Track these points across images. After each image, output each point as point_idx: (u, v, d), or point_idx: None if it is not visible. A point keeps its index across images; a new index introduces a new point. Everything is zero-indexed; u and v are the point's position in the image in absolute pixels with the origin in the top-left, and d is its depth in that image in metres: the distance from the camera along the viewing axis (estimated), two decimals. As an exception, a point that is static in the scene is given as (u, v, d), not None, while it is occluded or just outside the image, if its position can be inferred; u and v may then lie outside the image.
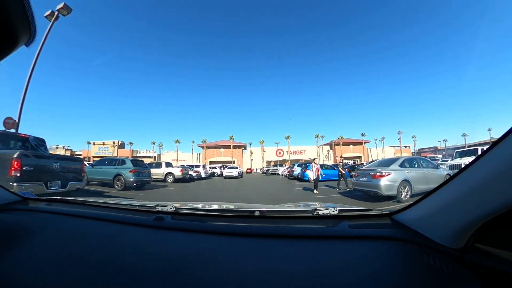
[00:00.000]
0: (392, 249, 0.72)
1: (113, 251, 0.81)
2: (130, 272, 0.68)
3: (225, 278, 0.63)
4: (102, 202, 1.35)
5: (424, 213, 0.74)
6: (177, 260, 0.73)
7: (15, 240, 0.88)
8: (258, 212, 1.02)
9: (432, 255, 0.64)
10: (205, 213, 1.14)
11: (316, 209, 1.02)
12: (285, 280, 0.61)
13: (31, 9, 0.42)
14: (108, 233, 0.95)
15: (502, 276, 0.53)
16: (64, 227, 1.04)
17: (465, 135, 61.01)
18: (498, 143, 0.49)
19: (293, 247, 0.77)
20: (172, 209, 1.09)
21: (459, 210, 0.59)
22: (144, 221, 1.01)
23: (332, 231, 0.85)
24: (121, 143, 65.22)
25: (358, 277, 0.60)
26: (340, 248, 0.75)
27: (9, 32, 0.43)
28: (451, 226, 0.62)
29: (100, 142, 66.66)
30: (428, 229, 0.70)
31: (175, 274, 0.66)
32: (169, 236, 0.89)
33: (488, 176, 0.51)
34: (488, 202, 0.51)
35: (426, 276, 0.60)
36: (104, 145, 65.51)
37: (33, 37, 0.46)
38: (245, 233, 0.87)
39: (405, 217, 0.83)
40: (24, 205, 1.31)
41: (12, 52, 0.47)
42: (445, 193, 0.65)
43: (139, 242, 0.86)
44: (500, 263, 0.54)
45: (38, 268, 0.73)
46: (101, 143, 66.53)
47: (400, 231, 0.78)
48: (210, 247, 0.79)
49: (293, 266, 0.67)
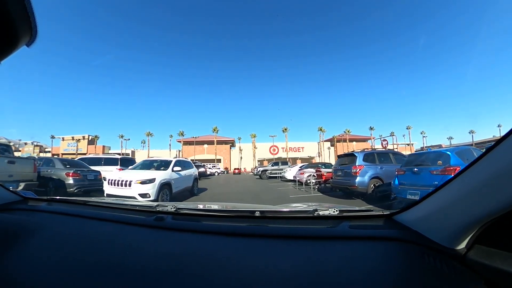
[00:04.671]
0: (393, 250, 0.74)
1: (114, 251, 0.82)
2: (131, 272, 0.69)
3: (226, 278, 0.64)
4: (103, 202, 1.36)
5: (425, 214, 0.75)
6: (177, 260, 0.74)
7: (16, 240, 0.89)
8: (259, 212, 1.03)
9: (433, 256, 0.65)
10: (206, 214, 1.16)
11: (316, 209, 1.02)
12: (286, 281, 0.62)
13: (32, 9, 0.43)
14: (108, 233, 0.97)
15: (504, 276, 0.53)
16: (64, 227, 1.05)
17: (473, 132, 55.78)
18: (499, 144, 0.50)
19: (294, 248, 0.78)
20: (173, 209, 1.11)
21: (460, 211, 0.60)
22: (145, 221, 1.03)
23: (333, 232, 0.87)
24: (91, 138, 54.39)
25: (359, 278, 0.61)
26: (341, 249, 0.76)
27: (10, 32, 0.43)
28: (452, 226, 0.63)
29: (69, 137, 55.87)
30: (429, 229, 0.72)
31: (176, 274, 0.67)
32: (169, 236, 0.91)
33: (489, 176, 0.52)
34: (489, 202, 0.52)
35: (427, 277, 0.61)
36: (73, 140, 54.73)
37: (34, 37, 0.46)
38: (246, 234, 0.89)
39: (405, 218, 0.85)
40: (25, 205, 1.31)
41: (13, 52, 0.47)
42: (445, 194, 0.66)
43: (139, 242, 0.88)
44: (502, 263, 0.54)
45: (39, 268, 0.73)
46: (70, 138, 55.72)
47: (400, 232, 0.79)
48: (211, 247, 0.81)
49: (294, 266, 0.68)
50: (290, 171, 14.95)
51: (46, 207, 1.29)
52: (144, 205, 1.23)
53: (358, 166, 7.03)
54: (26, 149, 59.28)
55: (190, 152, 49.23)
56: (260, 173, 20.15)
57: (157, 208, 1.12)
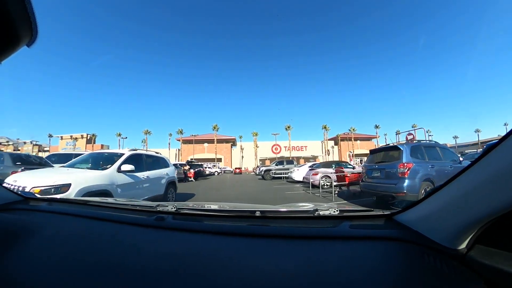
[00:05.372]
0: (393, 250, 0.74)
1: (114, 250, 0.82)
2: (131, 272, 0.69)
3: (227, 278, 0.65)
4: (103, 202, 1.38)
5: (425, 214, 0.75)
6: (178, 260, 0.74)
7: (16, 240, 0.90)
8: (259, 212, 1.03)
9: (433, 256, 0.66)
10: (206, 213, 1.17)
11: (317, 209, 1.02)
12: (286, 281, 0.62)
13: (32, 9, 0.43)
14: (109, 233, 0.98)
15: (504, 276, 0.53)
16: (65, 227, 1.06)
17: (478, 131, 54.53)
18: (499, 144, 0.50)
19: (295, 247, 0.78)
20: (173, 209, 1.12)
21: (460, 211, 0.61)
22: (145, 221, 1.03)
23: (333, 232, 0.86)
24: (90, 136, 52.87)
25: (359, 278, 0.62)
26: (341, 249, 0.76)
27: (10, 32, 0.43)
28: (452, 226, 0.63)
29: (67, 136, 54.53)
30: (429, 229, 0.72)
31: (176, 274, 0.67)
32: (170, 236, 0.92)
33: (490, 176, 0.52)
34: (489, 202, 0.53)
35: (428, 277, 0.61)
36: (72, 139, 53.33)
37: (35, 38, 0.46)
38: (246, 233, 0.89)
39: (406, 218, 0.85)
40: (25, 205, 1.32)
41: (14, 52, 0.47)
42: (446, 194, 0.67)
43: (140, 242, 0.88)
44: (502, 263, 0.55)
45: (39, 268, 0.73)
46: (68, 137, 54.33)
47: (401, 232, 0.79)
48: (211, 247, 0.81)
49: (295, 266, 0.68)
50: (298, 171, 13.15)
51: (46, 207, 1.31)
52: (144, 205, 1.25)
53: (407, 164, 4.93)
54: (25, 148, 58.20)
55: (190, 151, 47.50)
56: (263, 173, 18.04)
57: (158, 208, 1.13)
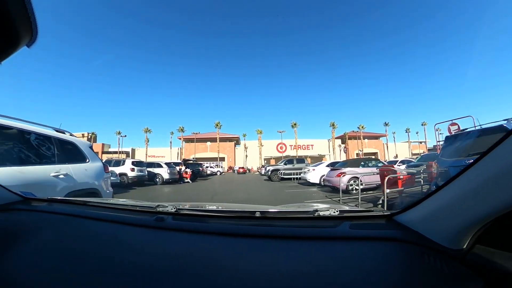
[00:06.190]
0: (393, 250, 0.74)
1: (114, 251, 0.83)
2: (131, 272, 0.69)
3: (227, 279, 0.65)
4: (103, 203, 1.39)
5: (425, 214, 0.75)
6: (178, 260, 0.74)
7: (16, 240, 0.90)
8: (259, 213, 1.03)
9: (433, 256, 0.66)
10: (206, 214, 1.16)
11: (317, 210, 1.02)
12: (286, 281, 0.63)
13: (32, 9, 0.43)
14: (109, 233, 0.98)
15: (505, 276, 0.54)
16: (65, 227, 1.06)
17: None
18: (500, 144, 0.51)
19: (294, 248, 0.79)
20: (173, 209, 1.11)
21: (461, 211, 0.61)
22: (145, 221, 1.04)
23: (333, 232, 0.86)
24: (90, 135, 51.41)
25: (359, 278, 0.62)
26: (341, 249, 0.77)
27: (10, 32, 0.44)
28: (452, 227, 0.63)
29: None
30: (429, 230, 0.72)
31: (176, 274, 0.67)
32: (170, 237, 0.92)
33: (490, 176, 0.52)
34: (490, 202, 0.53)
35: (428, 277, 0.61)
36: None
37: (35, 38, 0.47)
38: (246, 234, 0.89)
39: (405, 218, 0.84)
40: (25, 205, 1.33)
41: (14, 52, 0.48)
42: (446, 194, 0.67)
43: (140, 242, 0.88)
44: (503, 264, 0.55)
45: (39, 268, 0.74)
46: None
47: (401, 232, 0.79)
48: (211, 247, 0.82)
49: (295, 266, 0.68)
50: (314, 172, 11.16)
51: (46, 207, 1.32)
52: (144, 206, 1.25)
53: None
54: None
55: (192, 150, 45.90)
56: (269, 173, 15.84)
57: (158, 209, 1.13)
